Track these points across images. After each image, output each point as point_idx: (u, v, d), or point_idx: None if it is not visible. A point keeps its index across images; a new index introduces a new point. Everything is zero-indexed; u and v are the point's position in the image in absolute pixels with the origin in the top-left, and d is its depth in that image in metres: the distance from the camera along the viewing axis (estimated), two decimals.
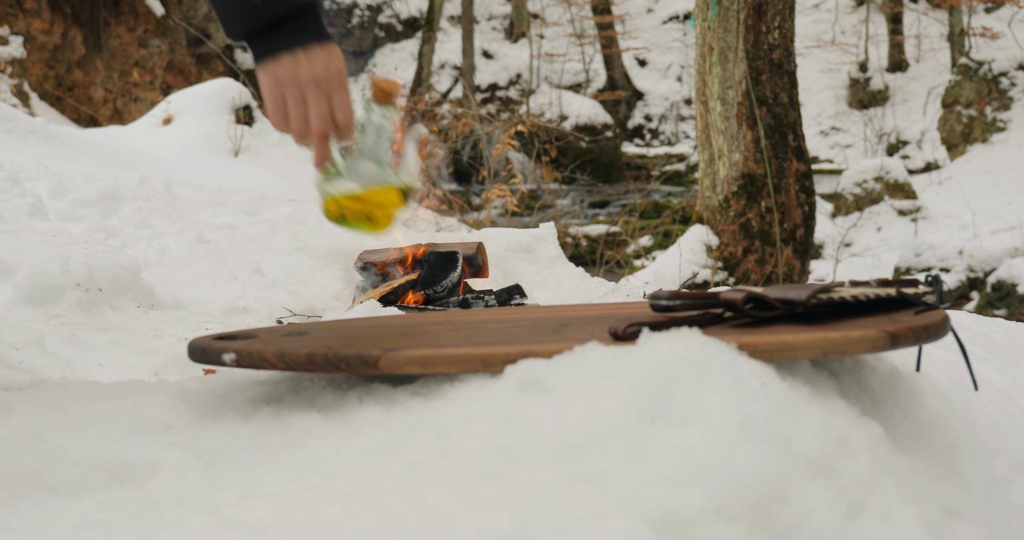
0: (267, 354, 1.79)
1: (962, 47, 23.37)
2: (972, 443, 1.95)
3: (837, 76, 25.89)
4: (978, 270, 13.54)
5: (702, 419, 1.57)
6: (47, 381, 2.35)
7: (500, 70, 25.88)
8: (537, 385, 1.67)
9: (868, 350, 1.75)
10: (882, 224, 16.21)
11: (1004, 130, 18.53)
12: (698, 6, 8.74)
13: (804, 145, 8.73)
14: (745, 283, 8.61)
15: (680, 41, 27.73)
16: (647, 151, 24.68)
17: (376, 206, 2.05)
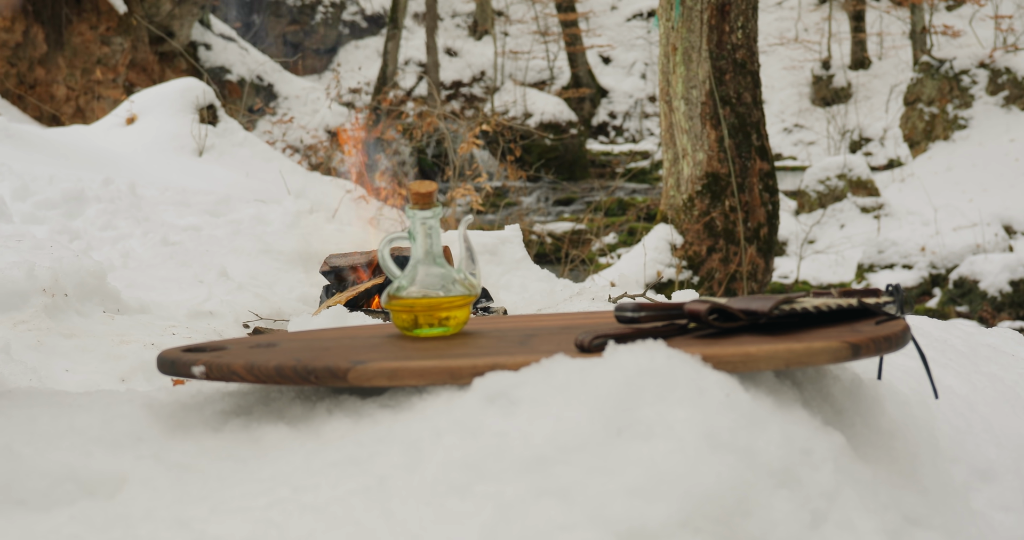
0: (236, 367, 1.80)
1: (924, 45, 23.53)
2: (932, 450, 1.98)
3: (800, 73, 26.02)
4: (940, 267, 13.62)
5: (667, 431, 1.60)
6: (15, 391, 2.35)
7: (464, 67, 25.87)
8: (505, 398, 1.69)
9: (830, 361, 1.78)
10: (845, 221, 16.30)
11: (965, 128, 18.67)
12: (662, 6, 8.77)
13: (767, 144, 8.77)
14: (710, 282, 8.66)
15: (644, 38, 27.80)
16: (611, 148, 24.72)
17: (447, 308, 2.06)
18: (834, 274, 14.70)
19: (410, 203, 2.10)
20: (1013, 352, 2.72)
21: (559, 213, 18.49)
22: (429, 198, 2.08)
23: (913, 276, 13.68)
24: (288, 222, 6.05)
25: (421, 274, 2.07)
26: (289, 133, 18.13)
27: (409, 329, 2.06)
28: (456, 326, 2.07)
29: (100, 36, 16.50)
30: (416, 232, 2.09)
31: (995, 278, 12.57)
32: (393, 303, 2.05)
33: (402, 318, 2.05)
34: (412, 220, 2.09)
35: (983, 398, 2.29)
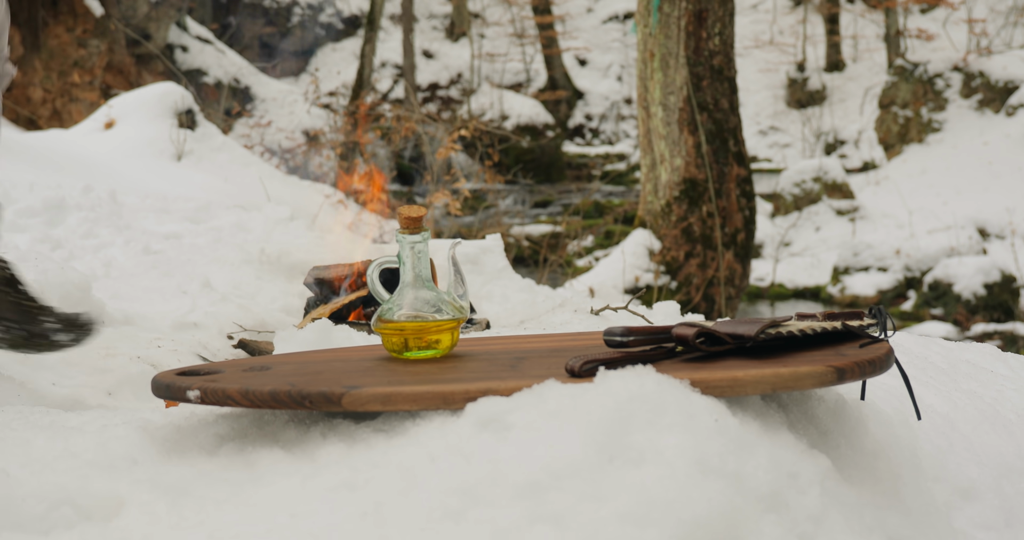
0: (231, 392, 1.83)
1: (898, 48, 23.65)
2: (915, 470, 2.02)
3: (775, 76, 26.12)
4: (915, 270, 13.72)
5: (658, 457, 1.63)
6: (6, 410, 2.37)
7: (441, 69, 25.88)
8: (497, 423, 1.72)
9: (815, 385, 1.81)
10: (821, 224, 16.38)
11: (939, 131, 18.78)
12: (639, 12, 8.82)
13: (744, 150, 8.83)
14: (688, 287, 8.70)
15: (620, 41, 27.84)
16: (588, 150, 24.76)
17: (436, 331, 2.08)
18: (810, 277, 14.78)
19: (399, 227, 2.13)
20: (991, 368, 2.76)
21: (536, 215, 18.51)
22: (418, 222, 2.10)
23: (888, 279, 13.77)
24: (269, 229, 6.07)
25: (410, 297, 2.09)
26: (267, 136, 18.12)
27: (399, 352, 2.08)
28: (445, 348, 2.10)
29: (77, 38, 16.46)
30: (405, 256, 2.12)
31: (969, 281, 12.66)
32: (383, 326, 2.08)
33: (392, 341, 2.08)
34: (401, 244, 2.12)
35: (963, 416, 2.33)
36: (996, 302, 12.57)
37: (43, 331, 3.07)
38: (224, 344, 3.83)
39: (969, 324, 12.28)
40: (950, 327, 12.19)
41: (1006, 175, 16.74)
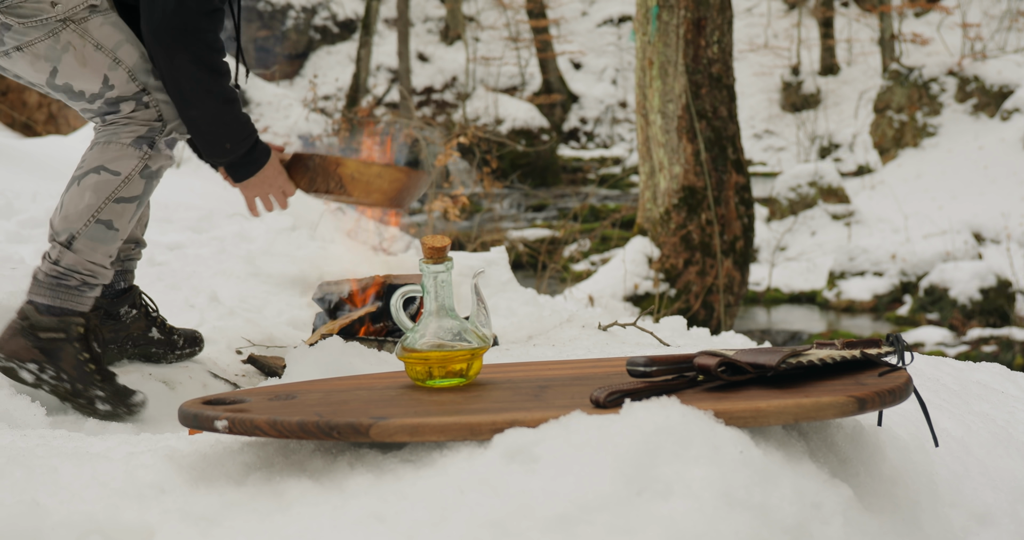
0: (259, 422, 1.84)
1: (892, 52, 23.69)
2: (932, 496, 2.04)
3: (770, 80, 26.16)
4: (911, 274, 13.74)
5: (686, 490, 1.65)
6: (28, 435, 2.38)
7: (435, 73, 25.88)
8: (525, 455, 1.74)
9: (837, 415, 1.83)
10: (816, 228, 16.41)
11: (935, 135, 18.83)
12: (638, 20, 8.84)
13: (743, 158, 8.86)
14: (687, 295, 8.72)
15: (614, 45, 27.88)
16: (583, 154, 24.77)
17: (460, 360, 2.10)
18: (805, 281, 14.81)
19: (423, 257, 2.14)
20: (1002, 389, 2.79)
21: (531, 220, 18.53)
22: (442, 252, 2.12)
23: (884, 283, 13.80)
24: (271, 239, 6.07)
25: (434, 326, 2.11)
26: None
27: (423, 380, 2.10)
28: (469, 377, 2.12)
29: None
30: (429, 285, 2.14)
31: (965, 286, 12.69)
32: (408, 355, 2.10)
33: (416, 369, 2.09)
34: (425, 274, 2.13)
35: (977, 440, 2.35)
36: (992, 307, 12.60)
37: (91, 397, 3.12)
38: (233, 359, 3.84)
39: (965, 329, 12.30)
40: (946, 332, 12.22)
41: (1001, 179, 16.79)
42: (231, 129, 3.24)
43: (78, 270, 3.14)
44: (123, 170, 3.15)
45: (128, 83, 3.14)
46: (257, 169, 3.32)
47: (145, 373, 3.47)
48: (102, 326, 3.49)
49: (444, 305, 2.13)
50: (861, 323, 13.18)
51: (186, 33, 3.09)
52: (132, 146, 3.15)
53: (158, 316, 3.62)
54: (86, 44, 3.10)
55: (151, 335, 3.58)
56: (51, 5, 3.07)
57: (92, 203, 3.14)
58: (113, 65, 3.12)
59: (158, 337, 3.59)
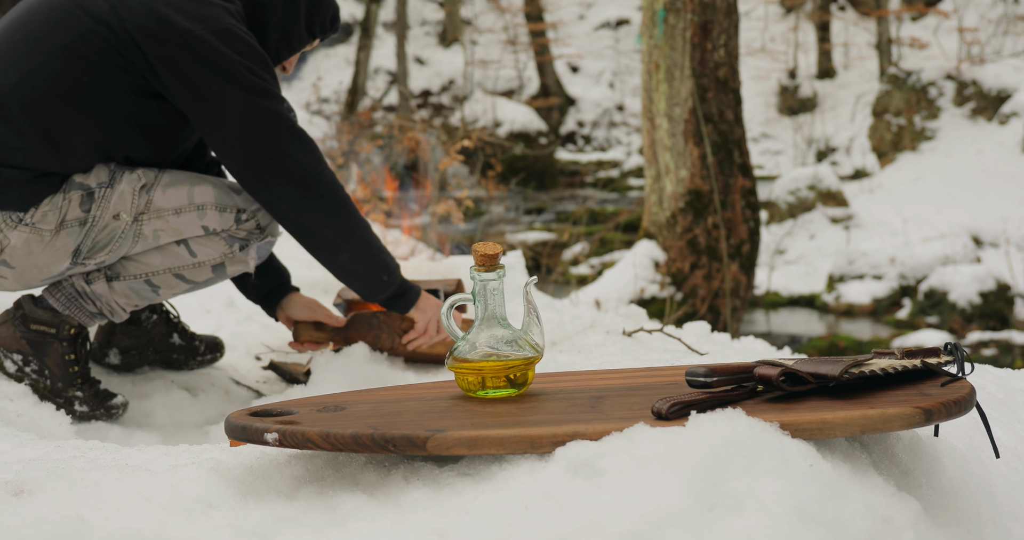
0: (311, 435, 1.79)
1: (890, 56, 23.69)
2: (992, 508, 2.00)
3: (767, 83, 26.14)
4: (910, 278, 13.71)
5: (758, 505, 1.60)
6: (63, 446, 2.33)
7: (433, 76, 25.83)
8: (589, 468, 1.69)
9: (904, 427, 1.79)
10: (815, 232, 16.38)
11: (933, 139, 18.80)
12: (644, 24, 8.80)
13: (749, 162, 8.82)
14: (693, 298, 8.68)
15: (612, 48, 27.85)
16: (580, 157, 24.74)
17: (514, 370, 2.06)
18: (805, 285, 14.78)
19: (474, 265, 2.10)
20: None
21: (530, 223, 18.48)
22: (494, 260, 2.08)
23: (883, 287, 13.77)
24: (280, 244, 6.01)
25: (485, 336, 2.07)
26: None
27: (474, 391, 2.05)
28: (523, 387, 2.07)
29: None
30: (479, 294, 2.09)
31: (964, 289, 12.67)
32: (459, 365, 2.05)
33: (468, 380, 2.05)
34: (475, 282, 2.09)
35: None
36: (991, 310, 12.58)
37: (70, 397, 3.09)
38: (254, 365, 3.79)
39: (964, 332, 12.28)
40: (945, 335, 12.18)
41: (999, 183, 16.77)
42: (382, 259, 3.21)
43: (101, 300, 3.11)
44: (200, 255, 3.12)
45: (222, 216, 3.09)
46: (418, 293, 3.34)
47: (167, 380, 3.42)
48: (123, 332, 3.45)
49: (495, 314, 2.09)
50: (860, 327, 13.15)
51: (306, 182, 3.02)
52: (225, 241, 3.12)
53: (179, 322, 3.58)
54: (167, 221, 3.06)
55: (172, 341, 3.53)
56: (115, 218, 3.01)
57: (154, 265, 3.12)
58: (201, 214, 3.07)
59: (179, 343, 3.55)
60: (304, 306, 3.53)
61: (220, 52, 2.92)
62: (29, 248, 2.97)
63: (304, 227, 3.07)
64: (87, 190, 2.99)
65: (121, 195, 3.00)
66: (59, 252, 3.01)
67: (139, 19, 2.90)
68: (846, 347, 11.75)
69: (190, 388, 3.42)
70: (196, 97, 2.94)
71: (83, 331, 3.14)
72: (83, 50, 2.91)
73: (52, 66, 2.91)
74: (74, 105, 2.94)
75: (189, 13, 2.92)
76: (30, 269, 3.01)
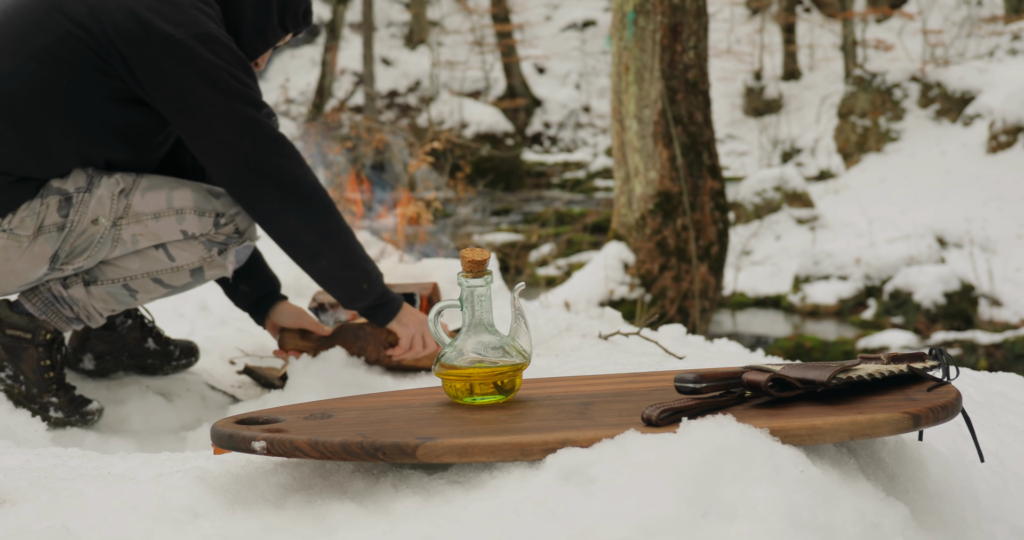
0: (300, 443, 1.78)
1: (855, 58, 23.82)
2: (976, 512, 2.01)
3: (732, 85, 26.24)
4: (875, 278, 13.79)
5: (751, 512, 1.60)
6: (43, 454, 2.31)
7: (400, 77, 25.80)
8: (580, 476, 1.68)
9: (892, 432, 1.79)
10: (781, 232, 16.45)
11: (897, 140, 18.91)
12: (614, 25, 8.81)
13: (718, 163, 8.85)
14: (662, 300, 8.70)
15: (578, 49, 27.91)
16: (546, 158, 24.76)
17: (503, 376, 2.05)
18: (771, 285, 14.83)
19: (461, 271, 2.09)
20: (1022, 399, 2.76)
21: (496, 224, 18.48)
22: (482, 266, 2.07)
23: (848, 287, 13.84)
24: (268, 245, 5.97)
25: (473, 342, 2.06)
26: None
27: (462, 397, 2.05)
28: (511, 394, 2.06)
29: None
30: (467, 300, 2.08)
31: (929, 290, 12.74)
32: (447, 372, 2.04)
33: (456, 386, 2.04)
34: (463, 288, 2.08)
35: (1011, 453, 2.32)
36: (956, 311, 12.66)
37: (44, 403, 3.06)
38: (228, 370, 3.77)
39: (929, 333, 12.35)
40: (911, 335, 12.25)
41: (963, 184, 16.89)
42: (363, 267, 3.19)
43: (79, 305, 3.08)
44: (179, 260, 3.10)
45: (201, 220, 3.07)
46: (400, 305, 3.30)
47: (142, 385, 3.40)
48: (98, 337, 3.43)
49: (483, 320, 2.08)
50: (826, 327, 13.21)
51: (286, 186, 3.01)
52: (203, 245, 3.10)
53: (154, 327, 3.55)
54: (145, 225, 3.03)
55: (147, 346, 3.51)
56: (93, 223, 2.99)
57: (132, 269, 3.09)
58: (180, 218, 3.05)
59: (154, 348, 3.53)
60: (291, 315, 3.52)
61: (202, 56, 2.90)
62: (7, 254, 2.95)
63: (284, 231, 3.06)
64: (65, 195, 2.96)
65: (99, 200, 2.98)
66: (37, 258, 2.98)
67: (118, 23, 2.88)
68: (812, 347, 11.80)
69: (165, 393, 3.40)
70: (177, 101, 2.92)
71: (59, 336, 3.11)
72: (61, 53, 2.88)
73: (29, 68, 2.88)
74: (52, 108, 2.91)
75: (169, 17, 2.90)
76: (7, 275, 2.98)
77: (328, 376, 3.30)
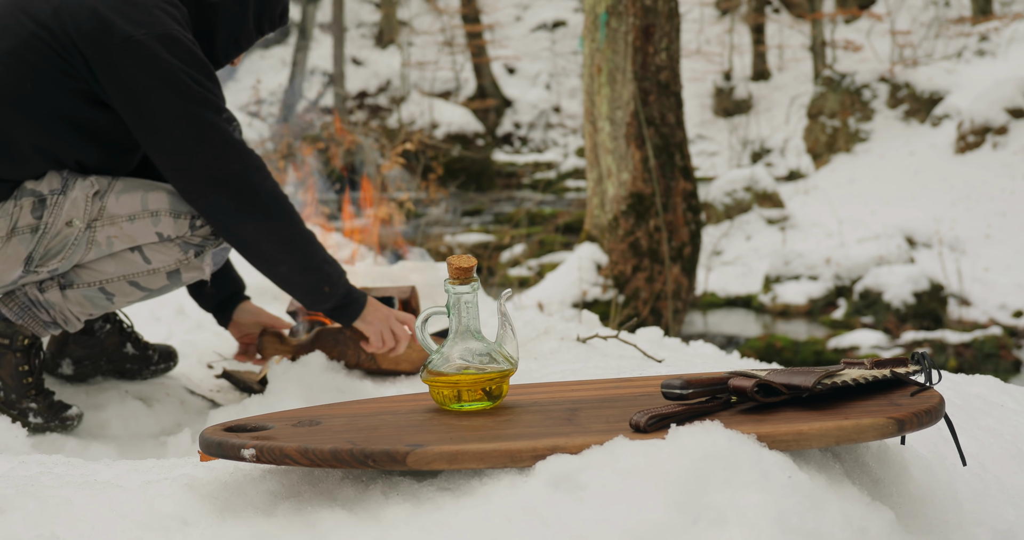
0: (289, 451, 1.79)
1: (824, 58, 23.94)
2: (958, 515, 2.03)
3: (702, 85, 26.33)
4: (845, 278, 13.85)
5: (741, 518, 1.62)
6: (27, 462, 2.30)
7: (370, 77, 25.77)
8: (570, 482, 1.70)
9: (877, 437, 1.81)
10: (751, 233, 16.51)
11: (867, 141, 19.02)
12: (587, 27, 8.83)
13: (690, 164, 8.88)
14: (635, 301, 8.72)
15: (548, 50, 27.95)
16: (517, 159, 24.79)
17: (489, 383, 2.05)
18: (741, 285, 14.89)
19: (448, 278, 2.09)
20: (1000, 402, 2.79)
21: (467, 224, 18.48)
22: (469, 273, 2.07)
23: (819, 287, 13.91)
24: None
25: (460, 349, 2.06)
26: None
27: (449, 404, 2.05)
28: (498, 400, 2.07)
29: None
30: (454, 307, 2.09)
31: (899, 290, 12.81)
32: (435, 379, 2.04)
33: (443, 393, 2.04)
34: (450, 295, 2.08)
35: (991, 456, 2.34)
36: (925, 310, 12.73)
37: (23, 409, 3.05)
38: (207, 374, 3.76)
39: (899, 332, 12.41)
40: (881, 335, 12.32)
41: (932, 184, 16.99)
42: (324, 270, 3.16)
43: (55, 309, 3.07)
44: (155, 262, 3.08)
45: (177, 222, 3.05)
46: (363, 304, 3.26)
47: (121, 390, 3.39)
48: (76, 342, 3.41)
49: (469, 327, 2.08)
50: (796, 327, 13.27)
51: (242, 193, 2.98)
52: (179, 247, 3.08)
53: (133, 331, 3.54)
54: (120, 227, 3.01)
55: (126, 351, 3.50)
56: (68, 225, 2.98)
57: (108, 272, 3.08)
58: (155, 220, 3.03)
59: (133, 352, 3.51)
60: (250, 313, 3.53)
61: (161, 58, 2.88)
62: None
63: (240, 238, 3.03)
64: (39, 197, 2.95)
65: (74, 202, 2.97)
66: (10, 260, 2.96)
67: (81, 24, 2.86)
68: (783, 347, 11.84)
69: (145, 398, 3.39)
70: (133, 102, 2.90)
71: (37, 341, 3.10)
72: (26, 55, 2.87)
73: None
74: (19, 110, 2.90)
75: (132, 18, 2.88)
76: None
77: (308, 380, 3.29)
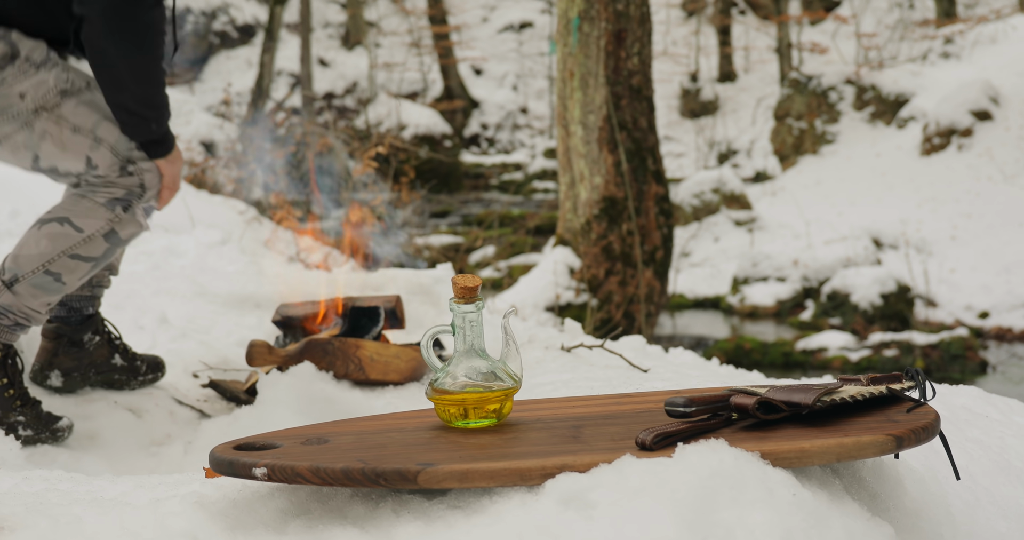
0: (301, 470, 1.81)
1: (790, 60, 24.08)
2: (952, 528, 2.07)
3: (669, 86, 26.43)
4: (812, 280, 13.94)
5: (749, 536, 1.65)
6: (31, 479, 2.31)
7: (337, 78, 25.73)
8: (579, 501, 1.72)
9: (877, 454, 1.85)
10: (720, 234, 16.59)
11: (833, 142, 19.15)
12: (559, 32, 8.87)
13: (662, 168, 8.93)
14: (608, 304, 8.77)
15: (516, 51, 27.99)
16: (484, 160, 24.82)
17: (495, 401, 2.07)
18: (710, 287, 14.96)
19: (453, 297, 2.12)
20: (985, 413, 2.84)
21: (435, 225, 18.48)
22: (474, 293, 2.10)
23: (786, 289, 13.99)
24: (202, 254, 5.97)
25: (465, 367, 2.09)
26: None
27: (454, 421, 2.08)
28: (503, 417, 2.10)
29: None
30: (459, 325, 2.11)
31: (866, 291, 12.90)
32: (441, 397, 2.07)
33: (450, 411, 2.07)
34: (455, 314, 2.11)
35: (980, 468, 2.39)
36: (892, 311, 12.81)
37: (12, 423, 3.05)
38: (193, 384, 3.77)
39: (866, 334, 12.49)
40: (848, 337, 12.40)
41: (898, 186, 17.12)
42: (156, 109, 3.16)
43: (12, 311, 3.07)
44: (87, 228, 3.08)
45: (112, 159, 3.07)
46: (173, 146, 3.25)
47: (110, 401, 3.40)
48: (65, 354, 3.42)
49: (474, 345, 2.11)
50: (764, 328, 13.35)
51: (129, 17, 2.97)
52: (105, 206, 3.08)
53: (121, 343, 3.55)
54: (63, 130, 3.03)
55: (114, 362, 3.51)
56: (19, 97, 3.00)
57: (46, 252, 3.07)
58: (94, 145, 3.05)
59: (121, 363, 3.52)
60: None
61: None
62: None
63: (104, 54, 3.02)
64: (14, 51, 2.99)
65: (40, 82, 3.01)
66: None
67: None
68: (751, 349, 11.90)
69: (134, 409, 3.40)
70: None
71: (10, 351, 3.10)
72: None
73: None
74: None
75: None
76: None
77: (297, 391, 3.31)
